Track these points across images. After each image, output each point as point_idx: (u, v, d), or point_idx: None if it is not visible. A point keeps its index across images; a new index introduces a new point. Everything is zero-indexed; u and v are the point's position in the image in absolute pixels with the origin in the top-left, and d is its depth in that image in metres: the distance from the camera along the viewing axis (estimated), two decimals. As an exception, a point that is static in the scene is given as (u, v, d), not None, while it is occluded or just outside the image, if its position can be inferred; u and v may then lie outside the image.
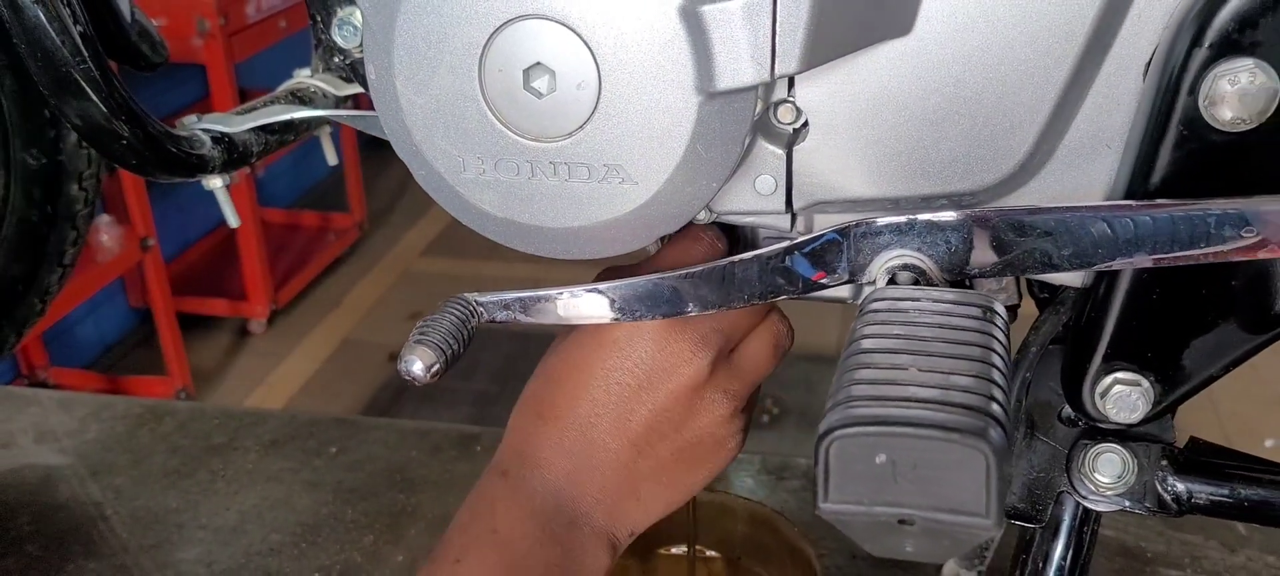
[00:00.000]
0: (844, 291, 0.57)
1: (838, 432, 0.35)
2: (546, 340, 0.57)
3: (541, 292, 0.49)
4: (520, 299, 0.49)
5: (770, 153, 0.51)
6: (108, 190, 2.73)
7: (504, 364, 2.70)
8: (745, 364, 0.55)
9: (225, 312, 3.05)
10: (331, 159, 0.76)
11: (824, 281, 0.51)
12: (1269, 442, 2.29)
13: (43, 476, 1.06)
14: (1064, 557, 0.61)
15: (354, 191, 3.45)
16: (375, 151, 4.04)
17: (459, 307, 0.47)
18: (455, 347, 0.46)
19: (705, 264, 0.49)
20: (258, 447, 1.09)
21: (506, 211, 0.50)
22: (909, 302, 0.43)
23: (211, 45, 2.64)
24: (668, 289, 0.49)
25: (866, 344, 0.41)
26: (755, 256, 0.49)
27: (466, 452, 1.09)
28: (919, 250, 0.50)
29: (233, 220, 0.65)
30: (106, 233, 2.52)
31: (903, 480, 0.35)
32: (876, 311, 0.43)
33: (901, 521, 0.36)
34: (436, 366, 0.45)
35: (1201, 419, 2.17)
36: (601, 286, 0.49)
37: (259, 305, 3.01)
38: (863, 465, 0.36)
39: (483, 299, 0.49)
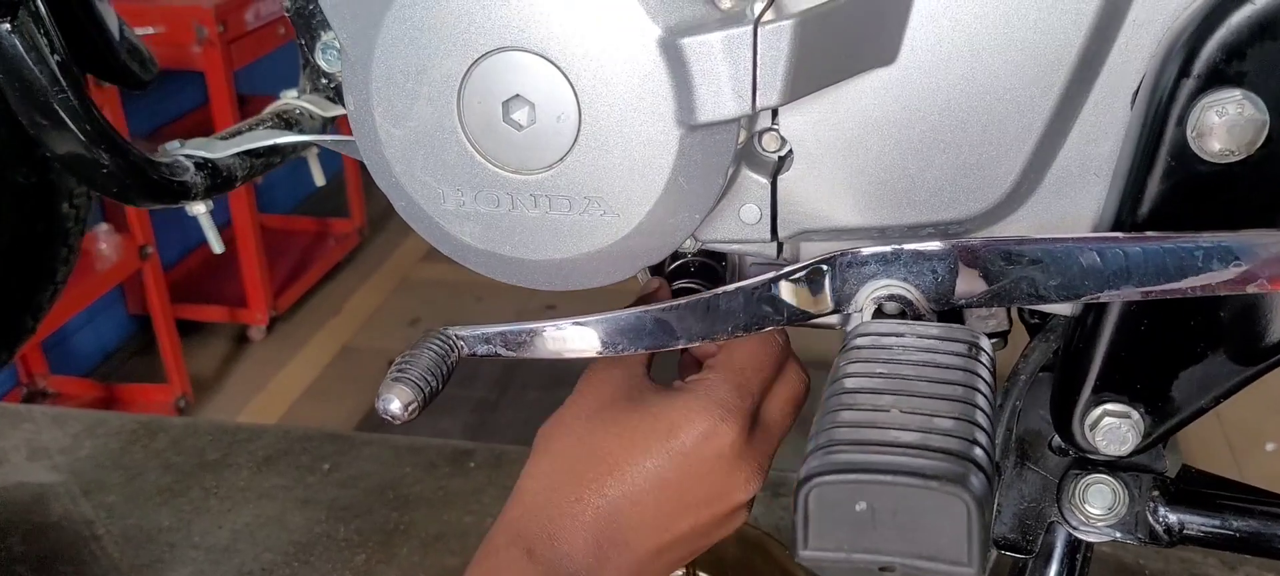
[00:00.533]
0: (832, 318, 0.57)
1: (817, 480, 0.35)
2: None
3: (524, 326, 0.49)
4: (501, 333, 0.49)
5: (754, 181, 0.50)
6: (106, 199, 2.73)
7: (503, 372, 2.70)
8: (773, 445, 0.54)
9: (224, 319, 3.04)
10: (319, 179, 0.75)
11: (811, 311, 0.51)
12: (1270, 446, 2.28)
13: (35, 494, 1.06)
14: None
15: (354, 197, 3.44)
16: (375, 157, 4.03)
17: (438, 343, 0.47)
18: (434, 384, 0.45)
19: (687, 298, 0.49)
20: (251, 464, 1.09)
21: (488, 244, 0.49)
22: (892, 338, 0.43)
23: (210, 53, 2.64)
24: (652, 321, 0.49)
25: (849, 383, 0.40)
26: (739, 288, 0.49)
27: (460, 469, 1.08)
28: (905, 280, 0.49)
29: (216, 246, 0.65)
30: (105, 241, 2.51)
31: (883, 527, 0.35)
32: (860, 348, 0.43)
33: (882, 569, 0.36)
34: (414, 405, 0.44)
35: (1201, 423, 2.15)
36: (586, 320, 0.49)
37: (259, 312, 3.00)
38: (842, 511, 0.35)
39: (463, 333, 0.48)
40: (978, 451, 0.36)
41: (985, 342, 0.43)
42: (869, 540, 0.35)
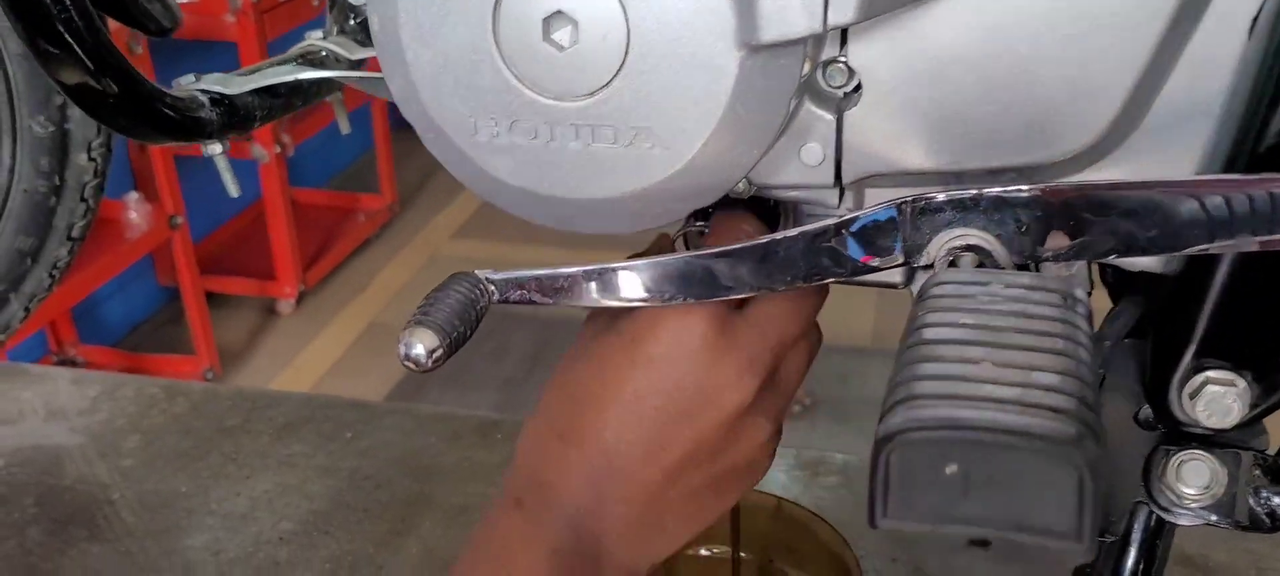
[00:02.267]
0: (895, 275, 0.52)
1: (902, 437, 0.30)
2: (575, 328, 0.51)
3: (561, 271, 0.44)
4: (536, 278, 0.44)
5: (818, 117, 0.46)
6: (137, 167, 2.72)
7: (534, 348, 2.66)
8: (787, 382, 0.49)
9: (253, 292, 3.02)
10: (345, 127, 0.71)
11: (875, 263, 0.46)
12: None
13: (51, 456, 1.02)
14: (1134, 574, 0.55)
15: (385, 172, 3.42)
16: (407, 132, 4.01)
17: (465, 286, 0.42)
18: (461, 330, 0.41)
19: (745, 241, 0.44)
20: (271, 431, 1.05)
21: (523, 180, 0.45)
22: (977, 287, 0.38)
23: (243, 22, 2.61)
24: (702, 268, 0.44)
25: (930, 334, 0.35)
26: (801, 233, 0.44)
27: (486, 440, 1.04)
28: (984, 229, 0.44)
29: (233, 189, 0.61)
30: (135, 210, 2.50)
31: (976, 494, 0.30)
32: (940, 297, 0.38)
33: (974, 542, 0.31)
34: (439, 351, 0.40)
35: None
36: (630, 264, 0.44)
37: (288, 286, 2.98)
38: (929, 475, 0.30)
39: (493, 277, 0.44)
40: (1087, 411, 0.31)
41: (1082, 293, 0.38)
42: (960, 508, 0.30)
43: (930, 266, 0.46)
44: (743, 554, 0.73)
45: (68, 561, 0.90)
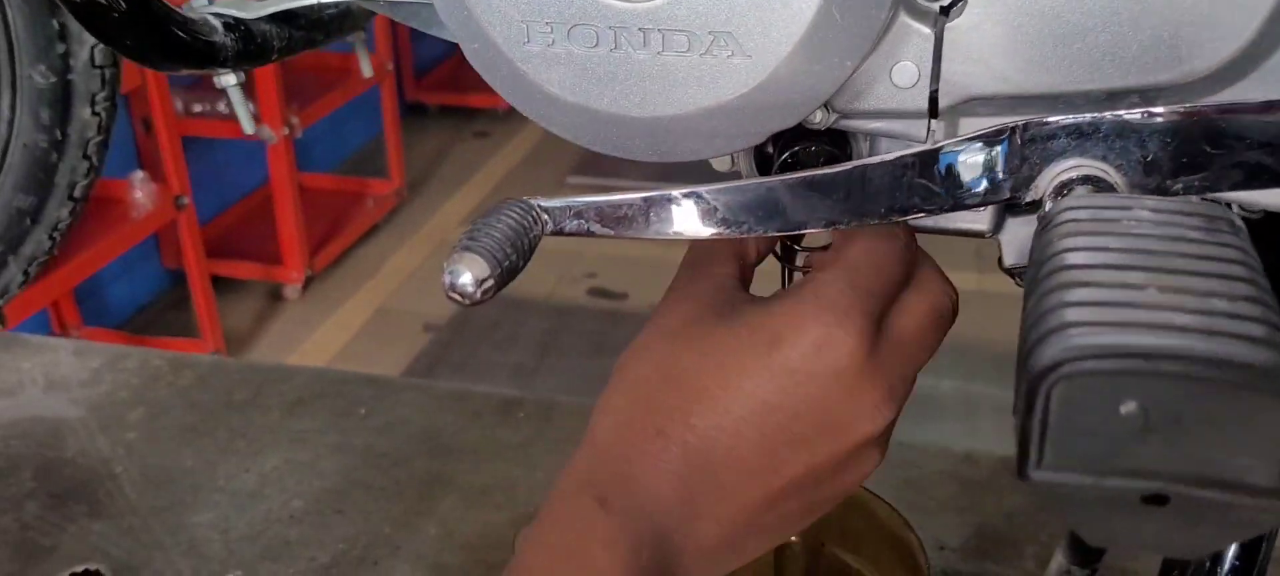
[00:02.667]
0: (982, 222, 0.46)
1: (1067, 368, 0.25)
2: (587, 315, 0.45)
3: (624, 198, 0.39)
4: (596, 206, 0.39)
5: (914, 32, 0.40)
6: (143, 146, 2.67)
7: (543, 336, 2.61)
8: (907, 365, 0.42)
9: (260, 276, 2.98)
10: (366, 71, 0.66)
11: (978, 196, 0.40)
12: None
13: (50, 429, 0.97)
14: (1238, 553, 0.50)
15: (394, 158, 3.37)
16: (416, 117, 3.96)
17: (517, 213, 0.37)
18: (514, 259, 0.36)
19: (832, 167, 0.39)
20: (282, 406, 1.00)
21: (580, 95, 0.39)
22: (1120, 211, 0.32)
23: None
24: (786, 195, 0.39)
25: (1074, 259, 0.30)
26: (897, 158, 0.39)
27: (508, 419, 0.99)
28: (1104, 159, 0.39)
29: (248, 125, 0.56)
30: (140, 189, 2.45)
31: (1157, 439, 0.25)
32: (1075, 221, 0.32)
33: (1148, 499, 0.25)
34: (489, 282, 0.35)
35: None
36: (702, 189, 0.39)
37: (294, 270, 2.94)
38: (1100, 415, 0.25)
39: (547, 204, 0.39)
40: (1287, 342, 0.26)
41: (1239, 221, 0.33)
42: (1136, 457, 0.25)
43: (1034, 204, 0.41)
44: (790, 537, 0.68)
45: (67, 537, 0.85)
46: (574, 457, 0.42)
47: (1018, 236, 0.47)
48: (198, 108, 2.80)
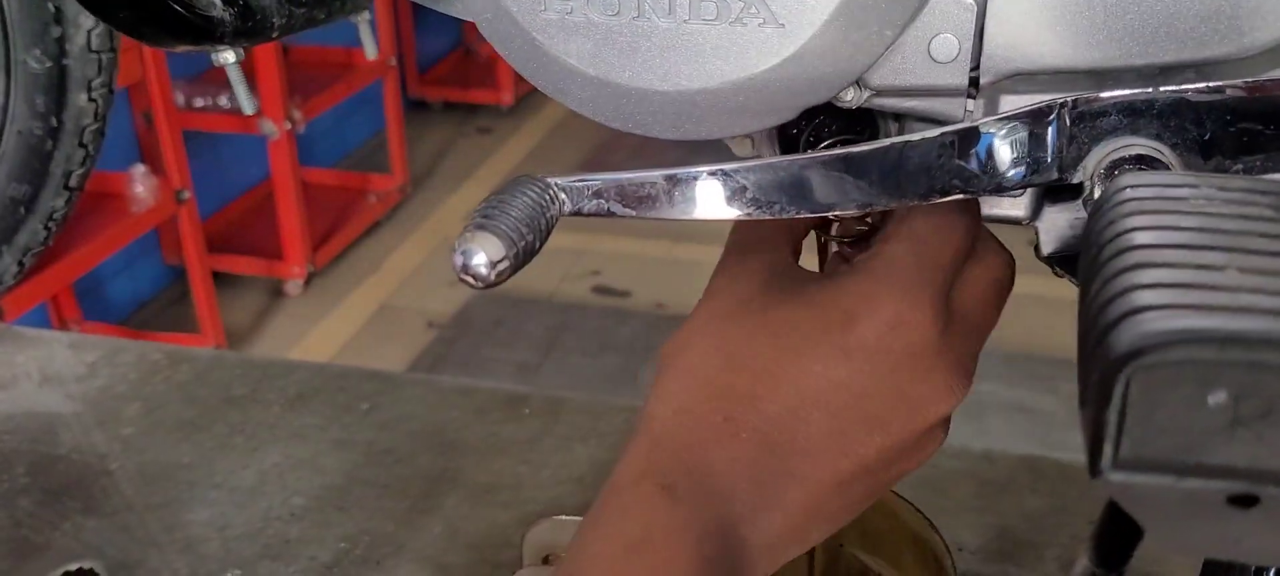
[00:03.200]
0: (1020, 209, 0.44)
1: (1149, 356, 0.22)
2: (591, 313, 0.43)
3: (645, 175, 0.36)
4: (616, 185, 0.36)
5: (956, 1, 0.38)
6: (143, 140, 2.65)
7: (547, 333, 2.58)
8: (973, 341, 0.41)
9: (261, 272, 2.96)
10: (370, 51, 0.64)
11: (1020, 177, 0.38)
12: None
13: (44, 423, 0.95)
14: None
15: (396, 153, 3.35)
16: (419, 112, 3.94)
17: (533, 191, 0.35)
18: (530, 239, 0.33)
19: (868, 143, 0.36)
20: (282, 401, 0.98)
21: (601, 68, 0.37)
22: (1188, 189, 0.30)
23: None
24: (820, 174, 0.36)
25: (1142, 238, 0.27)
26: (937, 135, 0.36)
27: (514, 415, 0.96)
28: (1157, 137, 0.37)
29: (248, 105, 0.53)
30: (141, 183, 2.43)
31: (1248, 433, 0.22)
32: (1138, 199, 0.30)
33: (1234, 500, 0.23)
34: (504, 263, 0.32)
35: None
36: (730, 166, 0.36)
37: (296, 266, 2.92)
38: (1184, 407, 0.22)
39: (564, 183, 0.36)
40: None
41: (1312, 201, 0.31)
42: (1222, 452, 0.23)
43: (1077, 188, 0.39)
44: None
45: (61, 534, 0.82)
46: (630, 448, 0.39)
47: (1057, 223, 0.44)
48: (199, 102, 2.78)
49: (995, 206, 0.44)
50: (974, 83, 0.39)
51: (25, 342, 1.07)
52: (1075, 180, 0.38)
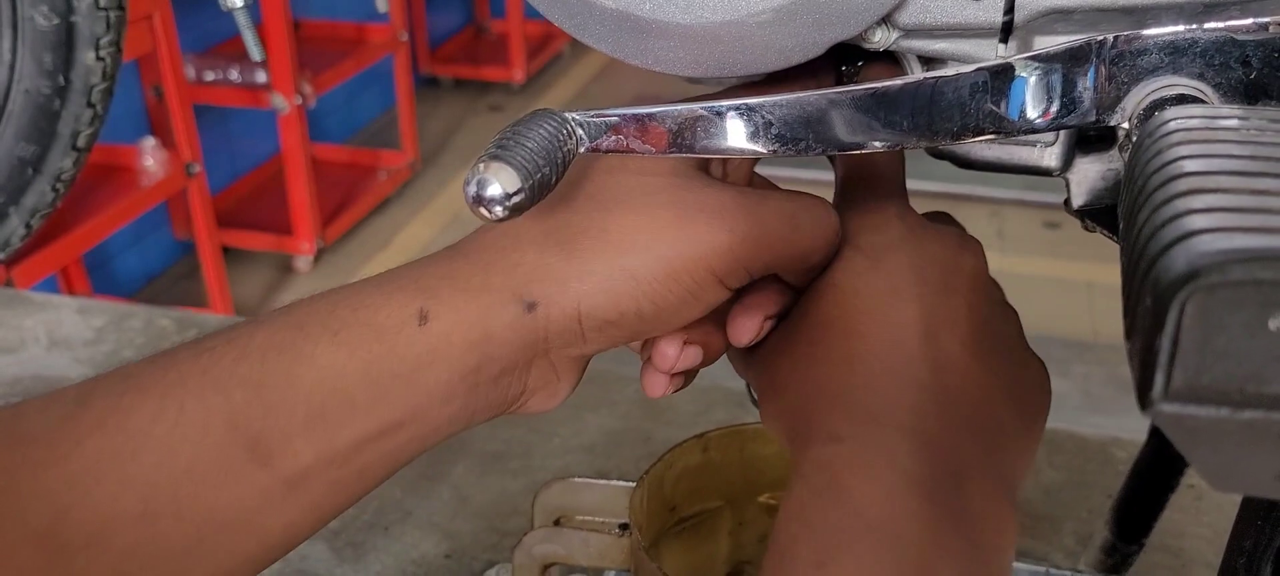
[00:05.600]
0: (1052, 156, 0.43)
1: (1208, 277, 0.21)
2: None
3: (665, 109, 0.35)
4: (636, 119, 0.35)
5: (990, -66, 0.36)
6: (153, 113, 2.64)
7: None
8: None
9: (270, 247, 2.95)
10: (381, 5, 0.63)
11: (1055, 117, 0.37)
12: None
13: (52, 387, 0.94)
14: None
15: (407, 130, 3.33)
16: (430, 89, 3.93)
17: (551, 124, 0.33)
18: (546, 173, 0.32)
19: (900, 79, 0.35)
20: (291, 367, 0.97)
21: (623, 2, 0.36)
22: (1237, 120, 0.28)
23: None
24: (844, 112, 0.35)
25: (1191, 166, 0.26)
26: (972, 71, 0.35)
27: (525, 383, 0.95)
28: (1198, 77, 0.35)
29: (256, 52, 0.52)
30: (151, 155, 2.42)
31: (1311, 359, 0.21)
32: (1186, 129, 0.29)
33: (1294, 431, 0.22)
34: (520, 195, 0.31)
35: None
36: (754, 100, 0.35)
37: (305, 242, 2.91)
38: (1242, 332, 0.21)
39: (581, 118, 0.35)
40: None
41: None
42: (1283, 379, 0.21)
43: (1111, 133, 0.37)
44: None
45: (67, 497, 0.82)
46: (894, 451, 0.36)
47: (1089, 175, 0.43)
48: (210, 75, 2.76)
49: (1027, 155, 0.43)
50: (1007, 25, 0.38)
51: (34, 307, 1.06)
52: (1112, 122, 0.37)
